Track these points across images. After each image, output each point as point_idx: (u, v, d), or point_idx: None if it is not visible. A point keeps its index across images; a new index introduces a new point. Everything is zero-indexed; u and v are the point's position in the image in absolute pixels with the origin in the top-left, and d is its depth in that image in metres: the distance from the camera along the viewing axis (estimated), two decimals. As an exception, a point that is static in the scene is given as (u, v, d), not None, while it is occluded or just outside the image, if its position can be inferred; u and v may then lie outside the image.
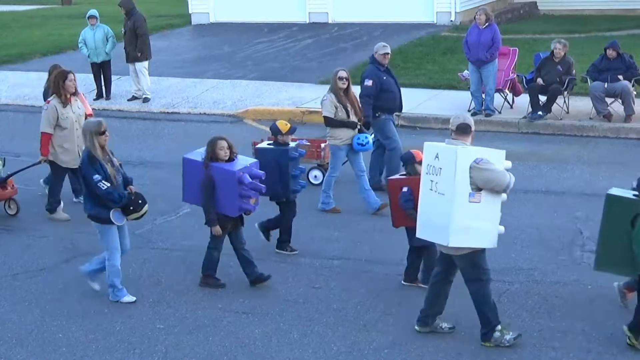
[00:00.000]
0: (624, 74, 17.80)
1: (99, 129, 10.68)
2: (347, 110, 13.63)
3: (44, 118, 13.63)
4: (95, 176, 10.45)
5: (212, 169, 10.98)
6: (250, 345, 9.81)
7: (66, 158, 13.76)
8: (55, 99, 13.61)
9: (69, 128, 13.65)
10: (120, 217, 10.67)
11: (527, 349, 9.56)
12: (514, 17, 31.27)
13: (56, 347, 9.89)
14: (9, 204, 14.15)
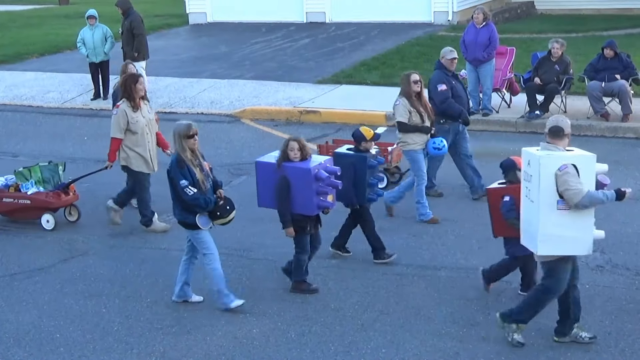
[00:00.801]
0: (621, 74, 17.80)
1: (188, 131, 10.44)
2: (421, 115, 13.14)
3: (113, 123, 13.05)
4: (182, 181, 10.23)
5: (285, 169, 10.76)
6: (248, 345, 9.81)
7: (142, 163, 13.14)
8: (124, 103, 12.98)
9: (140, 133, 13.04)
10: (207, 221, 10.44)
11: (525, 348, 9.56)
12: (511, 16, 31.29)
13: (54, 347, 9.88)
14: (70, 210, 13.75)
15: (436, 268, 11.68)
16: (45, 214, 13.41)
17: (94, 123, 20.00)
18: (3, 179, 13.85)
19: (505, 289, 10.93)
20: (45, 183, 13.62)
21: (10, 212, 13.65)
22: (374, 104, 19.83)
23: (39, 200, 13.42)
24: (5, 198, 13.56)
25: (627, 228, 12.67)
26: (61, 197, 13.49)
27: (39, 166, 13.76)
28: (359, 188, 11.64)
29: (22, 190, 13.57)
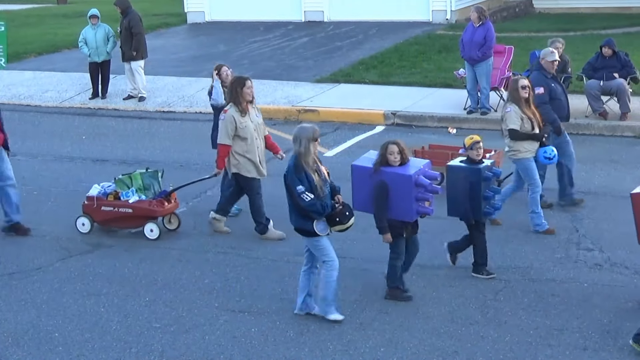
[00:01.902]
0: (619, 72, 17.81)
1: (313, 134, 10.07)
2: (532, 121, 12.62)
3: (221, 129, 12.54)
4: (299, 187, 9.86)
5: (384, 174, 10.44)
6: (246, 344, 9.80)
7: (253, 169, 12.68)
8: (232, 108, 12.52)
9: (249, 138, 12.56)
10: (325, 227, 10.08)
11: (524, 347, 9.57)
12: (509, 15, 31.29)
13: (52, 346, 9.88)
14: (170, 218, 13.23)
15: (435, 267, 11.67)
16: (149, 222, 12.85)
17: (92, 122, 19.99)
18: (99, 187, 13.27)
19: (504, 288, 10.94)
20: (145, 190, 13.09)
21: (109, 221, 13.06)
22: (373, 102, 19.84)
23: (141, 209, 12.85)
24: (104, 206, 12.99)
25: (625, 227, 12.65)
26: (164, 205, 12.95)
27: (139, 173, 13.22)
28: (474, 202, 11.14)
29: (122, 198, 12.97)
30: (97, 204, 13.01)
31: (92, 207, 13.04)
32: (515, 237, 12.45)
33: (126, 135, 18.79)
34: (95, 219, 13.05)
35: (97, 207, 13.01)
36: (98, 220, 13.05)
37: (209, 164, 16.09)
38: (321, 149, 17.02)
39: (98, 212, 13.01)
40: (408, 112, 19.22)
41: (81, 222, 13.10)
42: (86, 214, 13.10)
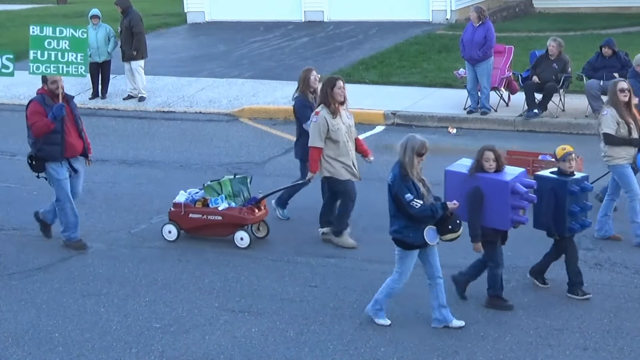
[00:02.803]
0: (619, 72, 17.79)
1: (421, 149, 9.74)
2: (629, 126, 12.04)
3: (313, 131, 12.16)
4: (407, 195, 9.61)
5: (479, 180, 10.19)
6: (246, 344, 9.80)
7: (346, 172, 12.28)
8: (324, 110, 12.15)
9: (342, 141, 12.20)
10: (435, 236, 9.82)
11: (524, 347, 9.57)
12: (509, 15, 31.27)
13: (52, 346, 9.88)
14: (259, 226, 12.83)
15: (435, 267, 11.66)
16: (239, 230, 12.45)
17: (92, 122, 19.91)
18: (186, 194, 12.93)
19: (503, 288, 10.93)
20: (235, 197, 12.72)
21: (197, 229, 12.67)
22: (373, 102, 19.82)
23: (232, 216, 12.45)
24: (192, 214, 12.60)
25: (625, 227, 12.66)
26: (255, 212, 12.55)
27: (228, 179, 12.86)
28: (558, 216, 10.63)
29: (211, 205, 12.61)
30: (184, 211, 12.63)
31: (179, 214, 12.67)
32: (515, 237, 12.41)
33: (126, 135, 18.79)
34: (182, 226, 12.70)
35: (184, 214, 12.62)
36: (185, 228, 12.69)
37: (209, 164, 16.14)
38: (321, 149, 17.04)
39: (185, 219, 12.64)
40: (408, 112, 19.22)
41: (167, 229, 12.73)
42: (173, 221, 12.73)
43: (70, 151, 12.32)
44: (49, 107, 12.08)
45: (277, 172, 15.55)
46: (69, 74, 12.47)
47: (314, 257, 12.02)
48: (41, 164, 12.28)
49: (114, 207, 14.08)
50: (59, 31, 12.40)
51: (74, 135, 12.37)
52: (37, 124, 12.05)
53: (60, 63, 12.35)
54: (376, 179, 14.99)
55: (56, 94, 12.17)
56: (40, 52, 12.34)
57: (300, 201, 13.50)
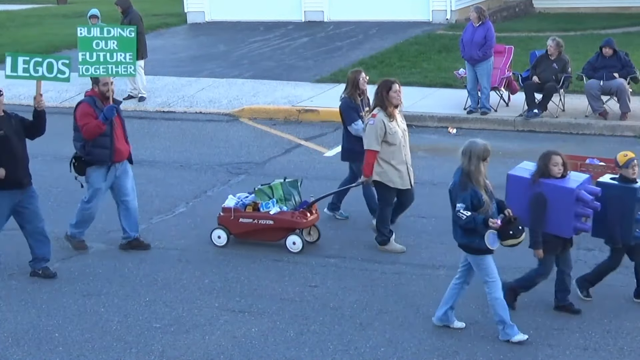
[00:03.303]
0: (619, 72, 17.80)
1: (485, 154, 9.50)
2: None
3: (369, 134, 11.90)
4: (459, 204, 9.41)
5: (543, 185, 9.94)
6: (246, 344, 9.81)
7: (397, 178, 12.06)
8: (381, 112, 11.87)
9: (397, 144, 11.96)
10: (495, 240, 9.55)
11: (524, 347, 9.56)
12: (509, 15, 31.28)
13: (52, 346, 9.88)
14: (310, 230, 12.57)
15: (435, 267, 11.68)
16: (292, 235, 12.24)
17: (92, 122, 19.96)
18: (235, 198, 12.75)
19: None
20: (286, 201, 12.52)
21: (248, 234, 12.48)
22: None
23: (284, 221, 12.25)
24: (242, 218, 12.39)
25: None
26: (307, 216, 12.34)
27: (279, 183, 12.66)
28: (625, 224, 10.23)
29: (262, 209, 12.42)
30: (234, 216, 12.43)
31: (229, 219, 12.46)
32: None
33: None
34: (232, 231, 12.49)
35: (234, 219, 12.42)
36: (235, 232, 12.49)
37: (209, 164, 16.14)
38: (321, 149, 17.09)
39: (236, 224, 12.43)
40: (408, 112, 19.11)
41: (217, 234, 12.52)
42: (222, 226, 12.53)
43: (119, 155, 12.23)
44: (99, 109, 11.95)
45: (277, 173, 15.53)
46: (118, 74, 12.39)
47: (313, 257, 12.02)
48: (83, 167, 12.18)
49: (114, 207, 14.04)
50: (107, 31, 12.32)
51: (122, 139, 12.29)
52: (88, 126, 11.90)
53: (109, 64, 12.27)
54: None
55: (107, 96, 12.05)
56: (89, 54, 12.27)
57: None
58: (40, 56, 12.05)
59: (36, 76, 11.78)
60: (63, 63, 11.92)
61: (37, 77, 11.79)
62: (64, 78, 12.04)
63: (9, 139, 11.18)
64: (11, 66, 11.73)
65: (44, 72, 11.82)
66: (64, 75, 11.99)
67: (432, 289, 11.02)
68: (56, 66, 11.88)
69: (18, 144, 11.37)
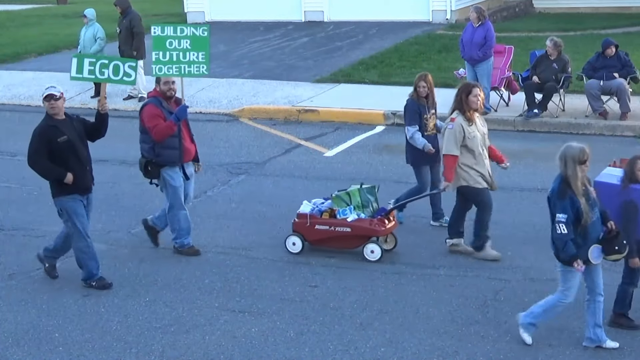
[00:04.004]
0: (619, 72, 17.81)
1: (582, 156, 9.23)
2: None
3: (449, 138, 11.69)
4: (560, 215, 9.09)
5: (633, 192, 9.58)
6: (246, 344, 9.81)
7: (481, 180, 11.76)
8: (460, 116, 11.69)
9: (477, 149, 11.71)
10: (599, 255, 9.25)
11: (524, 347, 9.56)
12: (509, 15, 31.29)
13: (52, 346, 9.88)
14: (386, 238, 12.22)
15: (435, 267, 11.67)
16: (370, 243, 11.91)
17: (92, 122, 19.97)
18: (311, 204, 12.43)
19: (504, 288, 10.94)
20: (363, 208, 12.17)
21: (323, 241, 12.17)
22: (373, 102, 19.83)
23: (362, 228, 11.94)
24: (318, 225, 12.09)
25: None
26: (385, 224, 12.04)
27: (357, 189, 12.27)
28: None
29: (338, 216, 12.10)
30: (310, 223, 12.14)
31: (305, 225, 12.17)
32: (515, 237, 12.44)
33: (126, 135, 18.67)
34: (307, 238, 12.19)
35: (310, 225, 12.13)
36: (311, 239, 12.19)
37: (209, 164, 16.13)
38: (321, 149, 17.09)
39: (311, 231, 12.13)
40: (408, 112, 19.18)
41: (292, 241, 12.22)
42: (297, 232, 12.23)
43: (187, 155, 12.09)
44: (165, 110, 11.79)
45: (277, 172, 15.56)
46: (191, 74, 12.28)
47: (313, 257, 12.02)
48: (157, 170, 11.98)
49: (114, 207, 14.08)
50: (180, 30, 12.18)
51: (188, 140, 12.16)
52: (159, 127, 11.70)
53: (182, 63, 12.16)
54: (376, 179, 15.02)
55: (169, 95, 11.88)
56: (162, 53, 12.15)
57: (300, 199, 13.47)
58: (107, 58, 11.80)
59: (102, 78, 11.53)
60: (129, 66, 11.62)
61: (102, 79, 11.53)
62: (129, 81, 11.77)
63: (73, 143, 10.91)
64: (77, 68, 11.46)
65: (109, 74, 11.52)
66: (130, 78, 11.69)
67: (432, 289, 11.02)
68: (122, 68, 11.56)
69: (82, 148, 11.11)
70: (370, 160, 16.36)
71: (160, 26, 12.27)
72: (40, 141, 10.83)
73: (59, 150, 10.80)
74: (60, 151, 10.80)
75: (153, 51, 12.17)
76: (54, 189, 11.10)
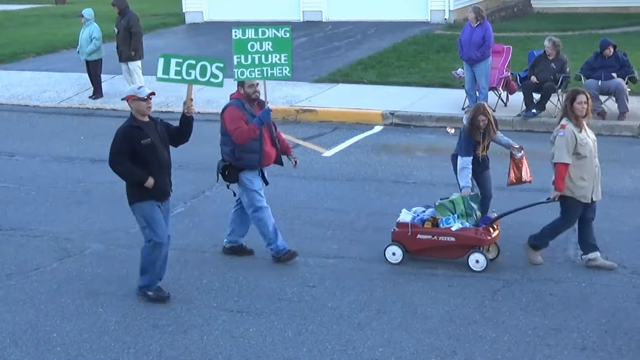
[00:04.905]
0: (617, 72, 17.83)
1: None
2: None
3: (560, 145, 11.27)
4: None
5: None
6: (244, 344, 9.80)
7: (586, 192, 11.35)
8: (570, 123, 11.35)
9: (588, 156, 11.30)
10: None
11: (522, 347, 9.57)
12: (507, 15, 31.33)
13: (50, 346, 9.87)
14: (489, 247, 11.85)
15: (433, 267, 11.67)
16: (475, 252, 11.53)
17: (90, 122, 20.00)
18: (411, 213, 12.07)
19: (502, 288, 10.95)
20: (467, 217, 11.83)
21: (425, 250, 11.84)
22: (371, 102, 19.84)
23: (467, 238, 11.60)
24: (420, 234, 11.74)
25: (623, 226, 12.69)
26: (491, 233, 11.73)
27: (461, 197, 11.91)
28: None
29: (441, 225, 11.77)
30: (411, 232, 11.77)
31: (406, 235, 11.79)
32: (513, 237, 12.43)
33: (124, 135, 18.76)
34: (408, 248, 11.81)
35: (412, 235, 11.75)
36: (412, 249, 11.81)
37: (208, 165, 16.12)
38: (319, 149, 17.10)
39: (413, 240, 11.75)
40: (406, 112, 19.23)
41: (391, 251, 11.83)
42: (398, 242, 11.86)
43: (267, 160, 11.79)
44: (247, 112, 11.57)
45: (275, 172, 15.52)
46: (274, 76, 11.96)
47: (311, 257, 12.01)
48: (235, 174, 11.68)
49: (112, 207, 14.06)
50: (261, 32, 11.86)
51: (269, 143, 11.83)
52: (241, 130, 11.44)
53: (264, 66, 11.86)
54: (374, 179, 15.05)
55: (253, 98, 11.69)
56: (244, 57, 11.83)
57: (299, 199, 13.50)
58: (194, 58, 11.35)
59: (188, 79, 11.19)
60: (217, 67, 11.31)
61: (189, 80, 11.19)
62: (217, 83, 11.44)
63: (155, 146, 10.60)
64: (163, 68, 11.10)
65: (196, 75, 11.23)
66: (217, 79, 11.39)
67: (430, 288, 11.02)
68: (210, 70, 11.30)
69: (164, 152, 10.81)
70: (369, 160, 16.36)
71: (241, 29, 11.88)
72: (124, 142, 10.52)
73: (141, 153, 10.48)
74: (142, 153, 10.48)
75: (234, 55, 11.83)
76: (132, 195, 10.72)
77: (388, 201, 13.87)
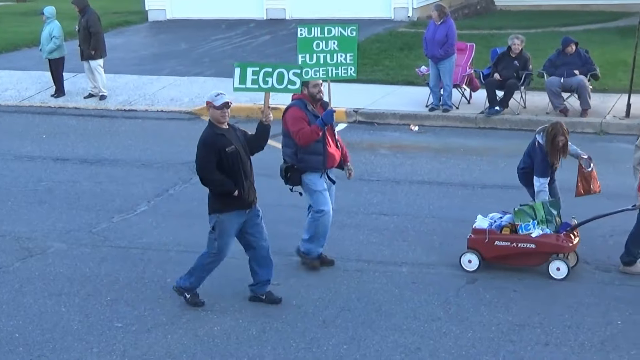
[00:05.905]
0: (580, 69, 17.93)
1: None
2: None
3: None
4: None
5: None
6: (209, 343, 9.77)
7: None
8: None
9: None
10: None
11: (485, 343, 9.60)
12: (470, 12, 31.43)
13: (13, 347, 9.79)
14: (568, 254, 11.40)
15: (397, 264, 11.69)
16: (556, 260, 11.15)
17: (52, 121, 19.84)
18: (487, 219, 11.76)
19: (465, 285, 10.98)
20: (547, 223, 11.43)
21: (503, 258, 11.44)
22: (334, 100, 19.69)
23: (548, 245, 11.20)
24: (498, 241, 11.35)
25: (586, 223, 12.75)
26: (572, 239, 11.33)
27: (541, 203, 11.56)
28: None
29: (520, 231, 11.38)
30: (489, 239, 11.41)
31: (482, 241, 11.42)
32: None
33: (87, 134, 18.66)
34: (485, 255, 11.41)
35: (489, 242, 11.38)
36: (489, 257, 11.41)
37: (171, 163, 16.07)
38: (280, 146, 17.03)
39: (490, 247, 11.36)
40: (370, 110, 19.24)
41: (467, 258, 11.44)
42: (474, 249, 11.47)
43: (331, 161, 11.38)
44: (310, 113, 11.21)
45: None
46: (339, 76, 11.61)
47: (276, 256, 11.94)
48: (297, 176, 11.32)
49: (74, 206, 13.98)
50: (327, 31, 11.48)
51: (333, 145, 11.48)
52: (304, 131, 11.04)
53: (329, 65, 11.51)
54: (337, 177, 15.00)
55: (317, 98, 11.32)
56: (309, 56, 11.42)
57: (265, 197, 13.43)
58: (271, 66, 10.78)
59: (265, 88, 10.68)
60: (294, 73, 10.72)
61: (266, 88, 10.69)
62: (294, 89, 10.87)
63: (239, 154, 10.19)
64: (240, 78, 10.63)
65: (273, 83, 10.66)
66: (295, 86, 10.76)
67: (394, 286, 11.03)
68: (287, 76, 10.68)
69: (246, 159, 10.37)
70: (333, 158, 16.32)
71: (307, 27, 11.49)
72: (211, 151, 10.03)
73: (227, 161, 10.10)
74: (228, 161, 10.10)
75: (299, 54, 11.49)
76: (216, 204, 10.30)
77: (352, 199, 13.87)
